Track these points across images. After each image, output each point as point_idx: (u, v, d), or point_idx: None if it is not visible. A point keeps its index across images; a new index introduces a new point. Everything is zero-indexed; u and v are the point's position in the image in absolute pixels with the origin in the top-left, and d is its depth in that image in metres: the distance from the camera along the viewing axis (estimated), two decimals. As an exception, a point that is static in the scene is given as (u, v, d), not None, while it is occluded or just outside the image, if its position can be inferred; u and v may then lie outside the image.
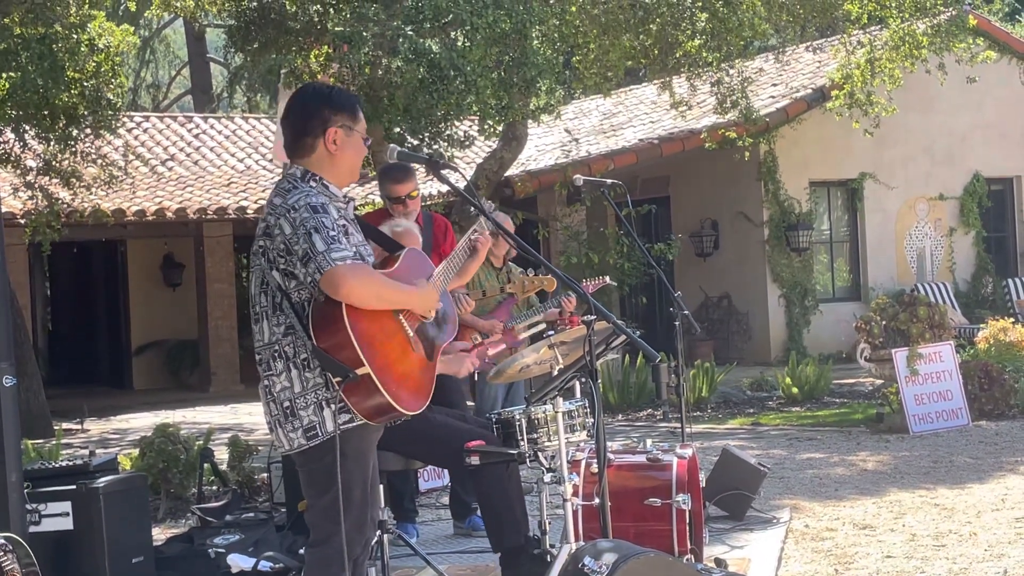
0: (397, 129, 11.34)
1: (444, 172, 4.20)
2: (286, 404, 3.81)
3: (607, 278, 7.36)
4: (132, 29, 13.61)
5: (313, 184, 3.88)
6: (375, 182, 12.75)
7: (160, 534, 6.76)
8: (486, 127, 11.85)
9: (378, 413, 3.79)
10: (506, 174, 14.38)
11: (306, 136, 3.90)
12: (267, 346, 3.86)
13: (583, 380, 4.83)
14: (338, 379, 3.71)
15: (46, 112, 12.58)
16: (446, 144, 11.78)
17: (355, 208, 4.02)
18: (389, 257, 4.10)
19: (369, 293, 3.73)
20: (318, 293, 3.74)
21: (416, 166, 6.46)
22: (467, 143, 12.37)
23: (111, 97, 13.04)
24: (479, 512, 6.22)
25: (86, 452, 6.29)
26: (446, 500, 7.33)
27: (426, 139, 11.60)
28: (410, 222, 5.91)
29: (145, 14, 25.23)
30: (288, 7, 12.04)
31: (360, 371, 3.68)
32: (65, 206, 14.44)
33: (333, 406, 3.76)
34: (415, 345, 3.93)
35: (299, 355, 3.79)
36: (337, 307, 3.70)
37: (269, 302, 3.84)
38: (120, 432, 13.62)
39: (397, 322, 3.87)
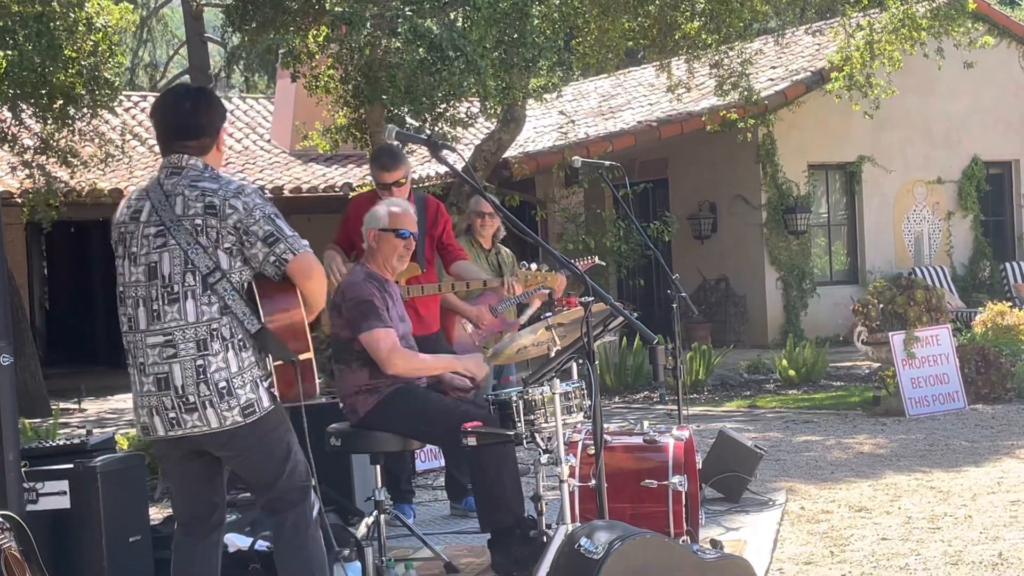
0: (397, 111, 11.29)
1: (443, 153, 4.21)
2: (222, 384, 3.84)
3: (596, 258, 7.24)
4: (130, 8, 13.55)
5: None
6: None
7: (157, 514, 6.76)
8: (487, 108, 11.81)
9: (296, 398, 3.91)
10: (504, 156, 14.34)
11: (213, 137, 3.98)
12: (191, 325, 3.84)
13: (580, 362, 4.83)
14: (278, 361, 3.82)
15: (43, 91, 12.53)
16: (448, 126, 11.73)
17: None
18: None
19: (324, 284, 3.95)
20: (275, 274, 3.82)
21: (412, 148, 6.44)
22: (469, 122, 12.32)
23: (109, 76, 13.01)
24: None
25: (83, 431, 6.28)
26: (442, 481, 7.34)
27: (428, 120, 11.56)
28: (408, 203, 5.88)
29: (143, -7, 25.15)
30: (286, -14, 11.96)
31: (303, 356, 3.82)
32: (63, 185, 14.40)
33: (266, 383, 3.88)
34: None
35: (235, 335, 3.85)
36: (295, 292, 3.84)
37: (198, 281, 3.83)
38: (117, 412, 13.62)
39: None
